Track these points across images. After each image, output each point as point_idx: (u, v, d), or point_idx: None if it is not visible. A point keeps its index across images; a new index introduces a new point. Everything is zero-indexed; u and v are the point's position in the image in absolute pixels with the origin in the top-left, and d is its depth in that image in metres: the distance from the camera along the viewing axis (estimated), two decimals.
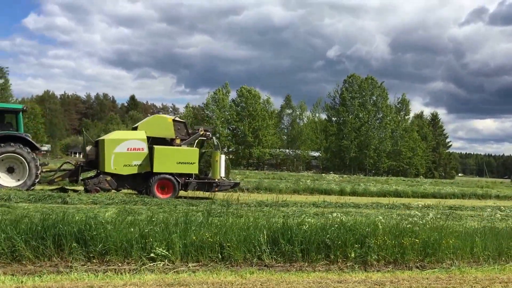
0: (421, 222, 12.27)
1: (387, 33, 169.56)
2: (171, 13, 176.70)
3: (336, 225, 9.90)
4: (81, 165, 20.39)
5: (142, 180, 19.72)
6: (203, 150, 22.01)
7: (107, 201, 16.91)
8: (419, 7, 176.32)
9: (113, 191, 19.47)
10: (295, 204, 19.18)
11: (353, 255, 9.47)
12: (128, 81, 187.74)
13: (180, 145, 20.29)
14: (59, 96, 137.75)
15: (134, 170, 19.60)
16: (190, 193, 21.09)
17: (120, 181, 19.57)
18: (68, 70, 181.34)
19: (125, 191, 20.24)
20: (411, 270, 9.61)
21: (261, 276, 8.47)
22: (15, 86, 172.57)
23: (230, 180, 21.75)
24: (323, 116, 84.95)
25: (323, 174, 54.33)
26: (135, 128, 21.04)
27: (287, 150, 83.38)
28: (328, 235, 9.49)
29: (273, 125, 79.01)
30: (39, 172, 19.27)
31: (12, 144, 18.89)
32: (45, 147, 18.44)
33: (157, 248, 8.47)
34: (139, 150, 19.62)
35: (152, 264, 8.38)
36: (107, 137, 20.53)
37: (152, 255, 8.44)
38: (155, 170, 19.56)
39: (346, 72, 75.14)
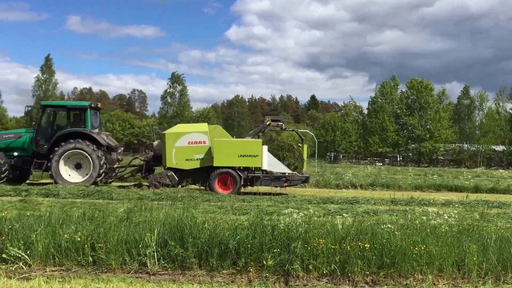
0: (435, 222, 9.15)
1: None
2: (362, 12, 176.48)
3: (260, 225, 7.66)
4: (148, 161, 20.07)
5: (206, 175, 18.68)
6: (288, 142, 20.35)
7: (153, 196, 16.07)
8: None
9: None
10: (367, 201, 16.48)
11: (270, 262, 7.18)
12: (321, 82, 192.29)
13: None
14: (247, 100, 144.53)
15: (196, 165, 18.70)
16: (272, 189, 19.78)
17: (182, 176, 18.75)
18: (265, 76, 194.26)
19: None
20: (356, 286, 7.01)
21: (132, 287, 6.78)
22: (221, 93, 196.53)
23: (302, 174, 19.63)
24: (509, 106, 75.05)
25: (501, 170, 47.59)
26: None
27: (465, 145, 75.32)
28: (238, 237, 7.34)
29: (448, 117, 71.99)
30: (102, 162, 19.39)
31: (71, 140, 19.37)
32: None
33: (10, 248, 7.26)
34: (201, 143, 18.72)
35: (4, 266, 7.21)
36: (168, 131, 19.91)
37: (4, 256, 7.26)
38: (215, 164, 18.45)
39: None
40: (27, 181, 20.53)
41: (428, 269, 7.12)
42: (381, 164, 69.61)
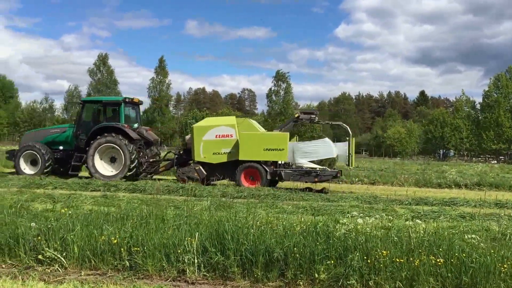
0: None
1: None
2: (477, 3, 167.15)
3: (312, 230, 6.65)
4: (180, 155, 19.84)
5: (234, 169, 18.13)
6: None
7: (236, 194, 15.56)
8: None
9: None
10: (466, 203, 14.79)
11: (323, 276, 6.17)
12: (432, 78, 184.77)
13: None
14: (354, 97, 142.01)
15: (224, 159, 18.26)
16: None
17: (210, 170, 18.34)
18: (374, 72, 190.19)
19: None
20: None
21: None
22: (329, 91, 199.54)
23: (333, 169, 18.62)
24: None
25: None
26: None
27: None
28: (286, 244, 6.39)
29: None
30: (133, 156, 19.24)
31: (106, 134, 19.47)
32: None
33: (46, 249, 6.84)
34: (228, 136, 18.26)
35: (40, 268, 6.80)
36: (196, 124, 19.67)
37: (40, 257, 6.85)
38: (240, 158, 17.92)
39: None
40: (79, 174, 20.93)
41: None
42: (495, 162, 64.83)
